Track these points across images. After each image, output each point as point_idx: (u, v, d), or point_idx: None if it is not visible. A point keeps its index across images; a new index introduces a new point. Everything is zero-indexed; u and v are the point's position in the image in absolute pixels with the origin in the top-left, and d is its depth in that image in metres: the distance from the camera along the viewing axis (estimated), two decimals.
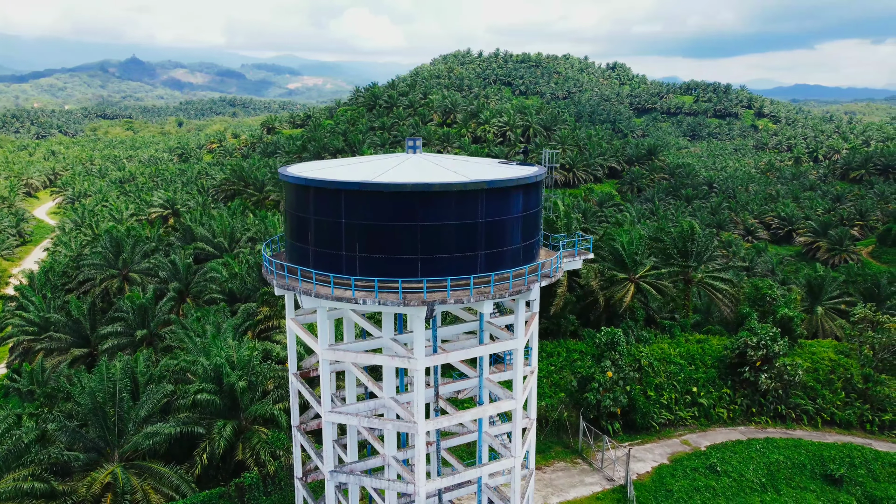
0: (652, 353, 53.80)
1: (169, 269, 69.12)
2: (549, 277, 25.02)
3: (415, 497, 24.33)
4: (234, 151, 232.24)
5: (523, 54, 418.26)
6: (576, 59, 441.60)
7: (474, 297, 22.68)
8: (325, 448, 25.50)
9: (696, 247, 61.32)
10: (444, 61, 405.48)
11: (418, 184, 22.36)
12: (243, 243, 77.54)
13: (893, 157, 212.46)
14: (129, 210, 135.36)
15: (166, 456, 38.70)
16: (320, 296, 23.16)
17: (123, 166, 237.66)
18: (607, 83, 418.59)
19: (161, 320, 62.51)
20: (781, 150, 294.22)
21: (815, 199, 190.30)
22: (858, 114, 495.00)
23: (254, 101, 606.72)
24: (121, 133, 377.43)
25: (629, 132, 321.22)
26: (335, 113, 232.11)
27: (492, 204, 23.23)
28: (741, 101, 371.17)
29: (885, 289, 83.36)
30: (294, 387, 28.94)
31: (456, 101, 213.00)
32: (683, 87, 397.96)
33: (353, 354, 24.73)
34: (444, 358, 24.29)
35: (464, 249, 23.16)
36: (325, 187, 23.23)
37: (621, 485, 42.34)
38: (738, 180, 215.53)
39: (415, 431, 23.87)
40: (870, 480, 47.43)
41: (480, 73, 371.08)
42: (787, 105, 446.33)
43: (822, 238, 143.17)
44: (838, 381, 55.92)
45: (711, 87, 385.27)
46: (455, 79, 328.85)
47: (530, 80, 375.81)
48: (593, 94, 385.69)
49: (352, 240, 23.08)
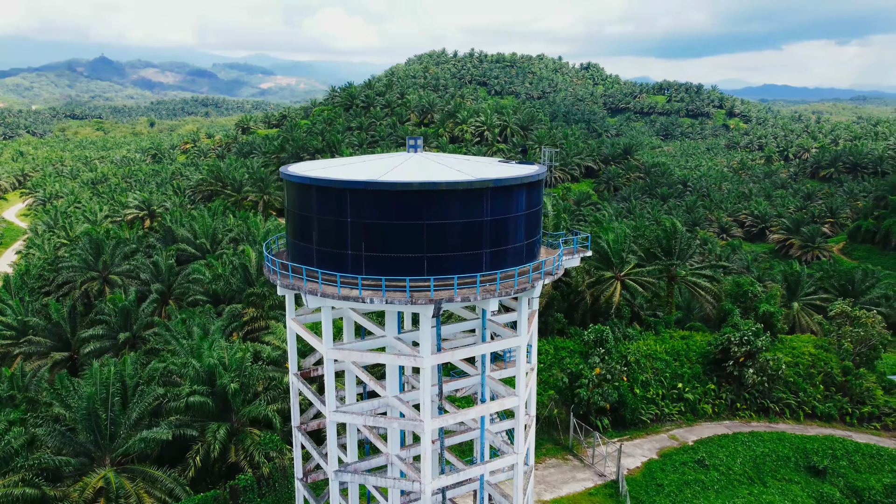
0: (638, 349, 54.45)
1: (151, 271, 68.27)
2: (551, 275, 25.27)
3: (421, 495, 24.41)
4: (208, 152, 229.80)
5: (498, 54, 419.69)
6: (550, 60, 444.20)
7: (481, 295, 22.83)
8: (330, 448, 25.46)
9: (678, 245, 62.19)
10: (419, 61, 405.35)
11: (425, 182, 22.45)
12: (225, 244, 76.83)
13: (861, 156, 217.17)
14: (103, 212, 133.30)
15: (158, 459, 38.31)
16: (326, 295, 23.13)
17: (95, 167, 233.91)
18: (581, 83, 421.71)
19: (144, 323, 61.70)
20: (753, 149, 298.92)
21: (786, 197, 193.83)
22: (825, 113, 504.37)
23: (227, 101, 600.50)
24: (91, 133, 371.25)
25: (603, 132, 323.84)
26: (311, 113, 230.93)
27: (497, 202, 23.41)
28: (713, 101, 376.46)
29: (859, 285, 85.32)
30: (294, 387, 28.83)
31: (433, 101, 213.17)
32: (656, 88, 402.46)
33: (358, 353, 24.74)
34: (450, 356, 24.42)
35: (469, 248, 23.30)
36: (330, 186, 23.20)
37: (612, 480, 42.82)
38: (712, 179, 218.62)
39: (421, 430, 23.96)
40: (851, 471, 48.55)
41: (456, 73, 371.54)
42: (757, 105, 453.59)
43: (794, 235, 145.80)
44: (818, 375, 57.12)
45: (683, 88, 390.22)
46: (431, 79, 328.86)
47: (505, 80, 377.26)
48: (568, 94, 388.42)
49: (357, 239, 23.08)
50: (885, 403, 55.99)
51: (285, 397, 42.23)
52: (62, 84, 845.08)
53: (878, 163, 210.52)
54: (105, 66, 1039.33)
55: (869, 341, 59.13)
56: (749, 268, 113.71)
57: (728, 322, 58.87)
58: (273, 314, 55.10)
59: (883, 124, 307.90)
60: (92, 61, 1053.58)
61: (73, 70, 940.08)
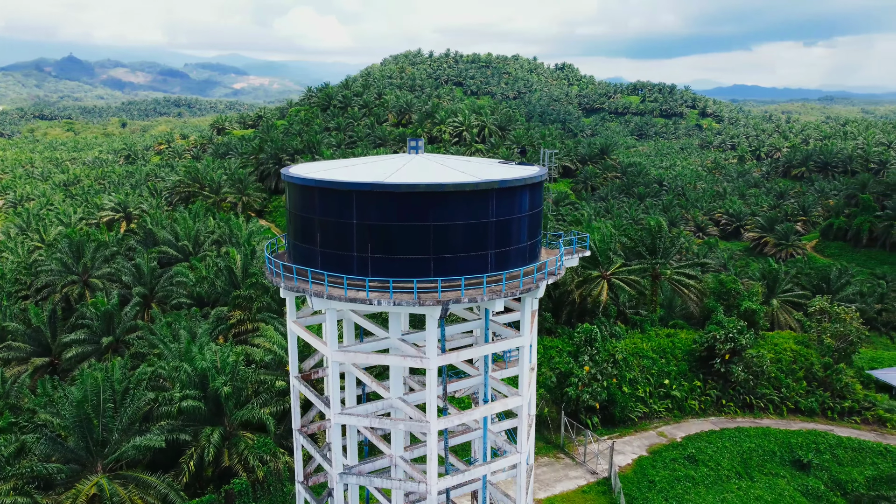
0: (625, 347, 55.00)
1: (133, 274, 67.30)
2: (554, 275, 25.48)
3: (426, 495, 24.46)
4: (183, 153, 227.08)
5: (473, 55, 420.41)
6: (525, 60, 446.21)
7: (487, 296, 22.96)
8: (335, 450, 25.38)
9: (663, 244, 62.94)
10: (394, 61, 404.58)
11: (432, 184, 22.51)
12: (207, 246, 76.03)
13: (831, 155, 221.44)
14: (77, 214, 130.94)
15: (151, 464, 37.85)
16: (333, 297, 23.07)
17: (67, 168, 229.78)
18: (556, 83, 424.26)
19: (127, 326, 60.79)
20: (725, 148, 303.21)
21: (759, 195, 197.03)
22: (795, 113, 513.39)
23: (199, 102, 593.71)
24: (61, 134, 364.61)
25: (579, 132, 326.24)
26: (287, 113, 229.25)
27: (502, 203, 23.55)
28: (686, 101, 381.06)
29: (834, 282, 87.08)
30: (295, 390, 28.68)
31: (411, 102, 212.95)
32: (630, 88, 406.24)
33: (364, 356, 24.71)
34: (455, 357, 24.50)
35: (475, 248, 23.41)
36: (336, 188, 23.15)
37: (605, 477, 43.23)
38: (687, 178, 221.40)
39: (427, 430, 24.01)
40: (835, 465, 49.62)
41: (431, 74, 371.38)
42: (729, 105, 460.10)
43: (769, 233, 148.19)
44: (800, 370, 58.24)
45: (657, 88, 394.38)
46: (407, 79, 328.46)
47: (481, 81, 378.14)
48: (543, 94, 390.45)
49: (363, 241, 23.06)
50: (864, 398, 57.24)
51: (278, 400, 41.97)
52: (30, 84, 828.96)
53: (848, 162, 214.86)
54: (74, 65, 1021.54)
55: (847, 337, 60.34)
56: (726, 266, 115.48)
57: (712, 319, 59.72)
58: (261, 317, 54.69)
59: (851, 124, 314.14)
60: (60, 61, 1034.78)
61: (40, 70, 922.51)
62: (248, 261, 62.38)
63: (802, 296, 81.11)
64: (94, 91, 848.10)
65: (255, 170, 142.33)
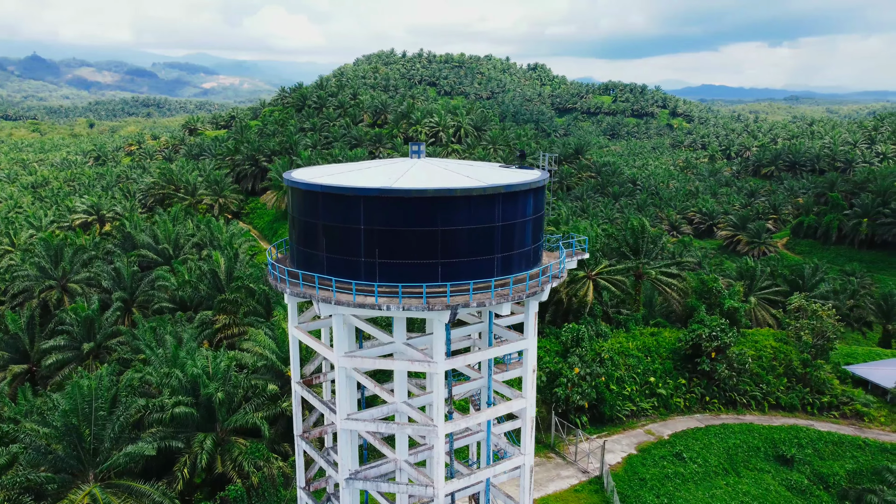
0: (612, 347, 55.62)
1: (112, 278, 66.24)
2: (558, 278, 25.73)
3: (434, 499, 24.55)
4: (154, 154, 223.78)
5: (447, 55, 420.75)
6: (498, 60, 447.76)
7: (495, 300, 23.12)
8: (342, 455, 25.34)
9: (645, 244, 63.72)
10: (367, 61, 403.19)
11: (440, 189, 22.60)
12: (188, 249, 75.11)
13: (799, 154, 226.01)
14: (48, 217, 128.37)
15: (143, 471, 37.35)
16: (341, 303, 23.04)
17: (34, 170, 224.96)
18: (529, 83, 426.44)
19: (108, 332, 59.86)
20: (696, 147, 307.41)
21: (731, 194, 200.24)
22: (762, 113, 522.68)
23: (169, 102, 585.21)
24: (27, 135, 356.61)
25: (552, 132, 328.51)
26: (261, 114, 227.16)
27: (507, 207, 23.73)
28: (656, 101, 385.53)
29: (809, 279, 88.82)
30: (297, 395, 28.54)
31: (386, 102, 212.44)
32: (602, 88, 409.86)
33: (371, 361, 24.71)
34: (462, 360, 24.63)
35: (482, 253, 23.56)
36: (344, 194, 23.12)
37: (596, 476, 43.70)
38: (660, 178, 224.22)
39: (434, 434, 24.10)
40: (816, 459, 50.79)
41: (405, 74, 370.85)
42: (699, 105, 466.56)
43: (741, 232, 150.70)
44: (780, 367, 59.42)
45: (628, 88, 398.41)
46: (381, 79, 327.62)
47: (455, 81, 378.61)
48: (516, 94, 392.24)
49: (371, 245, 23.06)
50: (842, 393, 58.58)
51: (269, 405, 41.70)
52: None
53: (816, 161, 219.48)
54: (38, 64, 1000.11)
55: (824, 333, 61.65)
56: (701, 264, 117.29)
57: (695, 318, 60.65)
58: (248, 321, 54.24)
59: (817, 124, 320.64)
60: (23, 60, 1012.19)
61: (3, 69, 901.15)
62: (232, 264, 61.81)
63: (779, 293, 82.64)
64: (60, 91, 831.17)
65: (231, 171, 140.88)
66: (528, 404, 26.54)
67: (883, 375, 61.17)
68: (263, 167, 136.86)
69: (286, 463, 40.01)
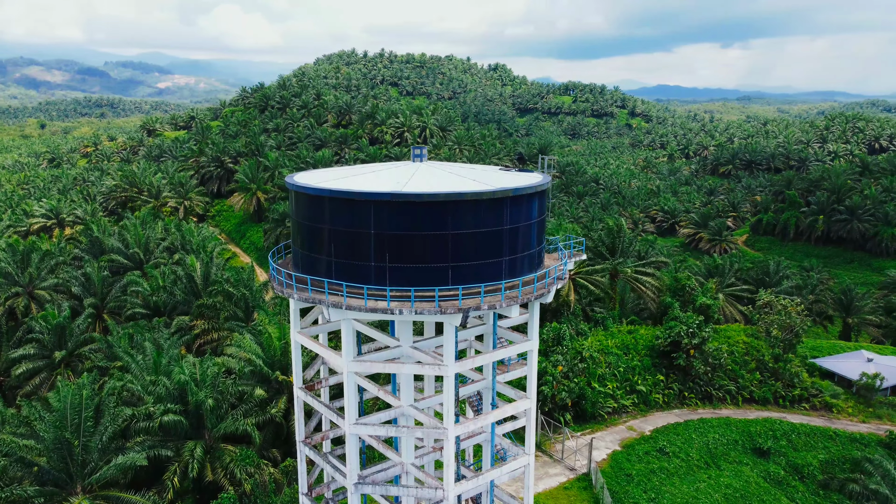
0: (592, 345, 56.42)
1: (82, 284, 64.60)
2: (562, 279, 26.10)
3: (444, 500, 24.66)
4: (111, 155, 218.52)
5: (408, 55, 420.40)
6: (459, 61, 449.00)
7: (505, 302, 23.35)
8: (350, 460, 25.27)
9: (622, 243, 64.78)
10: (328, 61, 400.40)
11: (451, 193, 22.73)
12: (159, 253, 73.67)
13: (756, 153, 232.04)
14: (3, 222, 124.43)
15: (132, 481, 36.62)
16: (352, 307, 22.99)
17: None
18: (490, 84, 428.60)
19: (80, 340, 58.43)
20: (655, 147, 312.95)
21: (691, 193, 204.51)
22: (716, 112, 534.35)
23: (123, 102, 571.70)
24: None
25: (514, 131, 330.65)
26: (221, 114, 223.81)
27: (515, 210, 23.99)
28: (615, 101, 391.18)
29: (773, 275, 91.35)
30: (300, 401, 28.33)
31: (350, 103, 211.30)
32: (562, 88, 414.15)
33: (380, 365, 24.71)
34: (471, 363, 24.80)
35: (491, 256, 23.76)
36: (353, 198, 23.08)
37: (584, 473, 44.31)
38: (622, 177, 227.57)
39: (445, 437, 24.22)
40: (791, 450, 52.31)
41: (367, 74, 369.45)
42: (656, 105, 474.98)
43: (703, 229, 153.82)
44: (752, 362, 60.98)
45: (588, 88, 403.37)
46: (343, 79, 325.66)
47: (417, 81, 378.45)
48: (477, 94, 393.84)
49: (381, 250, 23.07)
50: (811, 386, 60.42)
51: (258, 411, 41.31)
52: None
53: (771, 159, 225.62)
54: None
55: (793, 328, 63.51)
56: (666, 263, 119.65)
57: (669, 315, 61.84)
58: (228, 326, 53.50)
59: (771, 123, 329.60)
60: None
61: None
62: (209, 268, 60.88)
63: (745, 290, 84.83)
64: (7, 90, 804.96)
65: (196, 173, 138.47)
66: (533, 404, 26.86)
67: (848, 368, 63.27)
68: (229, 169, 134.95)
69: (277, 469, 39.69)
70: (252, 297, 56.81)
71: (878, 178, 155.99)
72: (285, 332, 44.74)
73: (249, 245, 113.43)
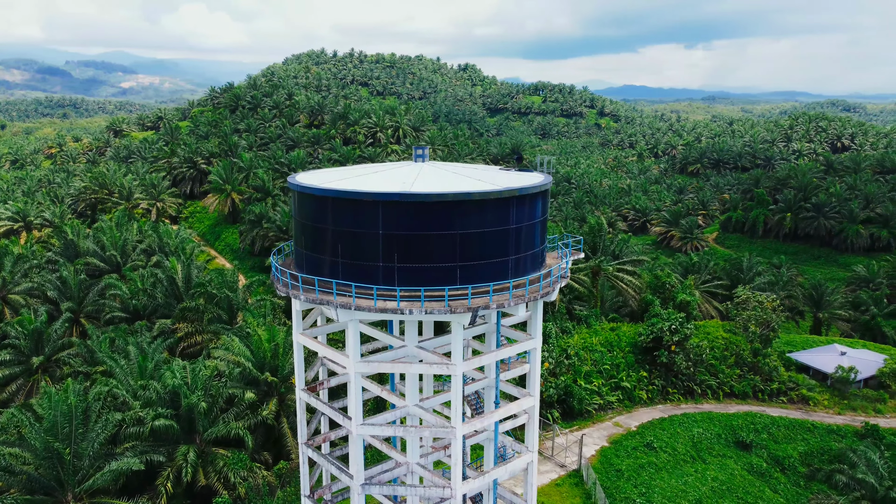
0: (577, 343, 56.99)
1: (58, 288, 63.25)
2: (565, 278, 26.37)
3: (451, 499, 24.77)
4: (77, 157, 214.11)
5: (378, 55, 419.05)
6: (429, 61, 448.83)
7: (513, 301, 23.54)
8: (357, 462, 25.21)
9: (603, 242, 65.51)
10: (297, 61, 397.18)
11: (460, 192, 22.86)
12: (136, 256, 72.45)
13: (723, 152, 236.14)
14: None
15: (123, 488, 36.02)
16: (361, 308, 22.97)
17: None
18: (460, 84, 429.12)
19: (58, 345, 57.22)
20: (625, 146, 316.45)
21: (661, 191, 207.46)
22: (683, 112, 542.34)
23: (86, 102, 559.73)
24: None
25: (485, 131, 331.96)
26: (190, 114, 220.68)
27: (520, 210, 24.21)
28: (584, 101, 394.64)
29: (747, 272, 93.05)
30: (302, 403, 28.17)
31: (323, 103, 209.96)
32: (532, 88, 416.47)
33: (389, 365, 24.72)
34: (478, 361, 24.96)
35: (497, 255, 23.95)
36: (360, 199, 23.07)
37: (574, 469, 44.76)
38: (593, 176, 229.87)
39: (453, 436, 24.34)
40: (771, 443, 53.52)
41: (337, 74, 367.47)
42: (624, 105, 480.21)
43: (674, 227, 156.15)
44: (731, 357, 62.17)
45: (557, 88, 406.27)
46: (313, 79, 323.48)
47: (387, 81, 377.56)
48: (448, 94, 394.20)
49: (390, 250, 23.09)
50: (788, 379, 61.81)
51: (249, 414, 40.95)
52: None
53: (738, 158, 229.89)
54: None
55: (769, 323, 64.89)
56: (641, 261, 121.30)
57: (650, 312, 62.72)
58: (212, 328, 52.87)
59: (737, 123, 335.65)
60: None
61: None
62: (190, 270, 60.07)
63: (720, 286, 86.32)
64: None
65: (168, 174, 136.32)
66: (536, 402, 27.10)
67: (823, 361, 64.82)
68: (202, 170, 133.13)
69: (270, 472, 39.41)
70: (236, 300, 56.22)
71: (842, 176, 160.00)
72: (275, 335, 44.42)
73: (225, 247, 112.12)
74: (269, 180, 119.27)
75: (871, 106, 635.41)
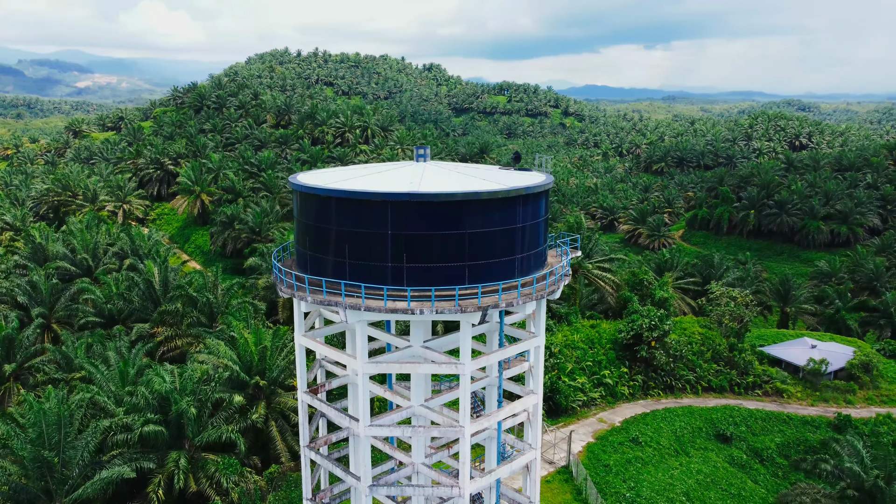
0: (560, 340, 57.51)
1: (28, 293, 61.51)
2: (567, 276, 26.62)
3: (459, 498, 24.81)
4: (35, 158, 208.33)
5: (342, 54, 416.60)
6: (394, 60, 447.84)
7: (521, 300, 23.69)
8: (364, 463, 25.08)
9: (581, 240, 66.05)
10: (260, 60, 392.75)
11: (469, 192, 22.92)
12: (107, 259, 70.81)
13: (686, 151, 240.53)
14: None
15: (113, 496, 35.25)
16: (371, 309, 22.88)
17: None
18: (425, 84, 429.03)
19: (31, 352, 55.65)
20: (589, 146, 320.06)
21: (627, 190, 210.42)
22: (644, 112, 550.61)
23: (40, 102, 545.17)
24: None
25: (451, 131, 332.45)
26: (152, 114, 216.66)
27: (526, 209, 24.37)
28: (549, 101, 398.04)
29: (718, 268, 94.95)
30: (304, 405, 27.91)
31: (290, 103, 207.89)
32: (497, 88, 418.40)
33: (397, 366, 24.63)
34: (485, 361, 25.05)
35: (505, 254, 24.07)
36: (368, 199, 22.96)
37: (563, 466, 45.18)
38: (559, 175, 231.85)
39: (461, 435, 24.39)
40: (750, 435, 54.76)
41: (301, 73, 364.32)
42: (588, 104, 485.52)
43: (641, 225, 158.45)
44: (707, 352, 63.38)
45: (522, 88, 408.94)
46: (277, 79, 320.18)
47: (352, 81, 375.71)
48: (413, 94, 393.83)
49: (399, 250, 23.04)
50: (763, 373, 63.28)
51: (238, 418, 40.42)
52: None
53: (700, 157, 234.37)
54: None
55: (742, 318, 66.36)
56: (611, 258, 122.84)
57: (629, 309, 63.62)
58: (193, 332, 52.00)
59: (698, 122, 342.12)
60: None
61: None
62: (166, 273, 58.97)
63: (692, 283, 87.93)
64: None
65: (134, 175, 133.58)
66: (540, 400, 27.30)
67: (793, 354, 66.53)
68: (170, 171, 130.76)
69: (261, 476, 38.96)
70: (216, 303, 55.37)
71: (802, 173, 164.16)
72: (262, 337, 43.92)
73: (195, 249, 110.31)
74: (239, 181, 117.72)
75: (824, 105, 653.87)
